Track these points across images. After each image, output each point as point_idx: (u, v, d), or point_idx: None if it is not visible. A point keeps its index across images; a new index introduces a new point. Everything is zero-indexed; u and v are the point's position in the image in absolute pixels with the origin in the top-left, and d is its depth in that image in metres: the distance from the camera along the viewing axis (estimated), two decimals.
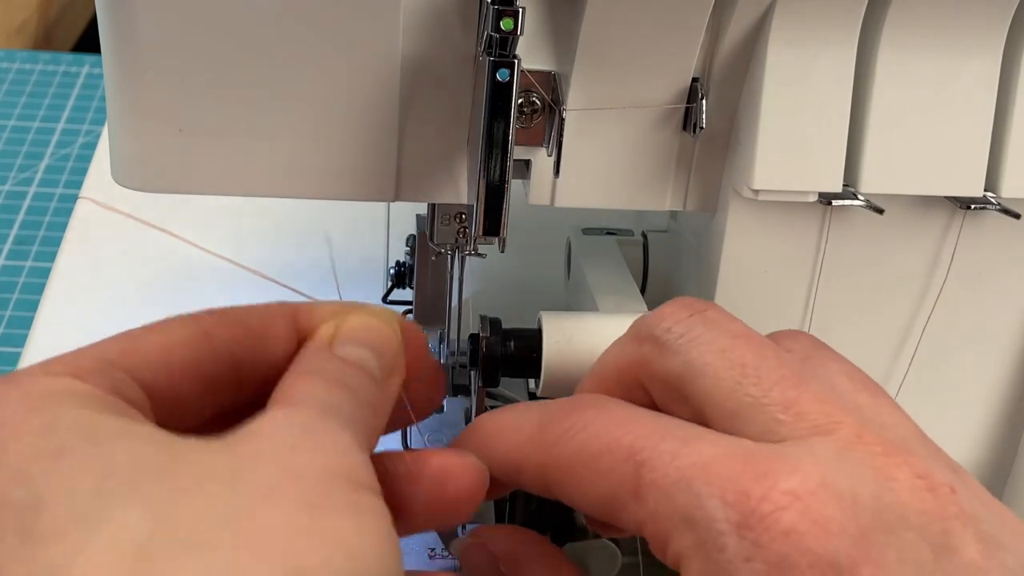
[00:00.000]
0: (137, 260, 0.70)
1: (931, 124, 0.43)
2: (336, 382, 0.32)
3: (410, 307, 0.56)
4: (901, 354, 0.49)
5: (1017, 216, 0.45)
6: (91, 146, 0.96)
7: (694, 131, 0.43)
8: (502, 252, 0.43)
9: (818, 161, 0.43)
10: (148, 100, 0.41)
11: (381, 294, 0.59)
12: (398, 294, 0.58)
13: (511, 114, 0.39)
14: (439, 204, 0.45)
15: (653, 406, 0.35)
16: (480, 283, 0.63)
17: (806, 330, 0.48)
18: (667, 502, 0.30)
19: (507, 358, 0.46)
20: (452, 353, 0.49)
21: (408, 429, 0.51)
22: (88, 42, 1.25)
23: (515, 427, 0.35)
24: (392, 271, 0.57)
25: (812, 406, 0.32)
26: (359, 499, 0.28)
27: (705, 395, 0.33)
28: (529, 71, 0.42)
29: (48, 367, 0.30)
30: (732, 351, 0.33)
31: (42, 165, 0.96)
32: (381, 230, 0.71)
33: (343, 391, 0.32)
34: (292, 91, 0.41)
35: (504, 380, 0.47)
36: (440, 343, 0.51)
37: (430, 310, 0.53)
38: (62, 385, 0.29)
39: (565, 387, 0.47)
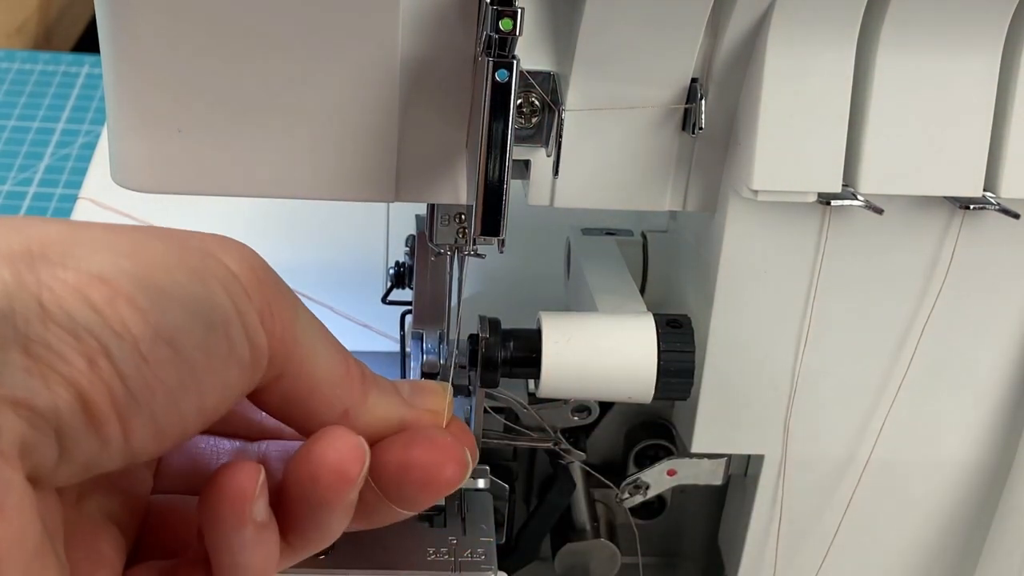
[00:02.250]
0: None
1: (930, 124, 0.43)
2: None
3: (410, 307, 0.56)
4: (901, 354, 0.49)
5: (1016, 216, 0.45)
6: (91, 146, 0.97)
7: (693, 131, 0.43)
8: (502, 252, 0.43)
9: (817, 161, 0.43)
10: (148, 100, 0.41)
11: (381, 294, 0.59)
12: (398, 294, 0.58)
13: (511, 114, 0.39)
14: (439, 204, 0.45)
15: None
16: (480, 283, 0.63)
17: (805, 331, 0.48)
18: None
19: (506, 358, 0.46)
20: (452, 353, 0.49)
21: None
22: (88, 42, 1.25)
23: None
24: (392, 271, 0.57)
25: None
26: (203, 264, 0.36)
27: None
28: (528, 71, 0.42)
29: None
30: None
31: (42, 165, 0.96)
32: (381, 230, 0.71)
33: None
34: (292, 91, 0.41)
35: (504, 380, 0.47)
36: (440, 343, 0.51)
37: (430, 310, 0.53)
38: None
39: (565, 387, 0.47)
